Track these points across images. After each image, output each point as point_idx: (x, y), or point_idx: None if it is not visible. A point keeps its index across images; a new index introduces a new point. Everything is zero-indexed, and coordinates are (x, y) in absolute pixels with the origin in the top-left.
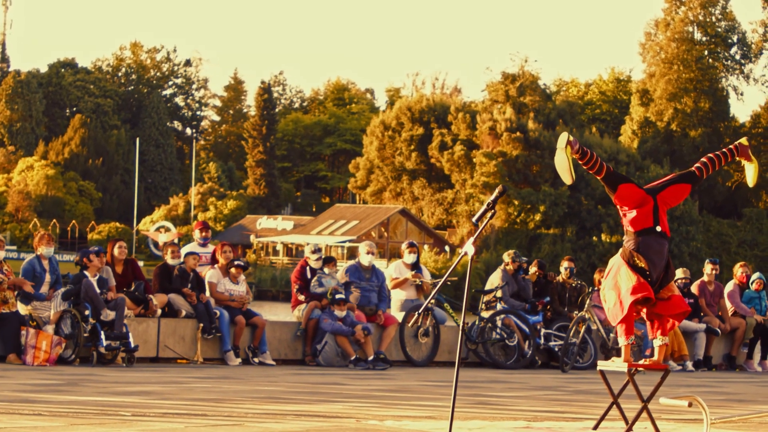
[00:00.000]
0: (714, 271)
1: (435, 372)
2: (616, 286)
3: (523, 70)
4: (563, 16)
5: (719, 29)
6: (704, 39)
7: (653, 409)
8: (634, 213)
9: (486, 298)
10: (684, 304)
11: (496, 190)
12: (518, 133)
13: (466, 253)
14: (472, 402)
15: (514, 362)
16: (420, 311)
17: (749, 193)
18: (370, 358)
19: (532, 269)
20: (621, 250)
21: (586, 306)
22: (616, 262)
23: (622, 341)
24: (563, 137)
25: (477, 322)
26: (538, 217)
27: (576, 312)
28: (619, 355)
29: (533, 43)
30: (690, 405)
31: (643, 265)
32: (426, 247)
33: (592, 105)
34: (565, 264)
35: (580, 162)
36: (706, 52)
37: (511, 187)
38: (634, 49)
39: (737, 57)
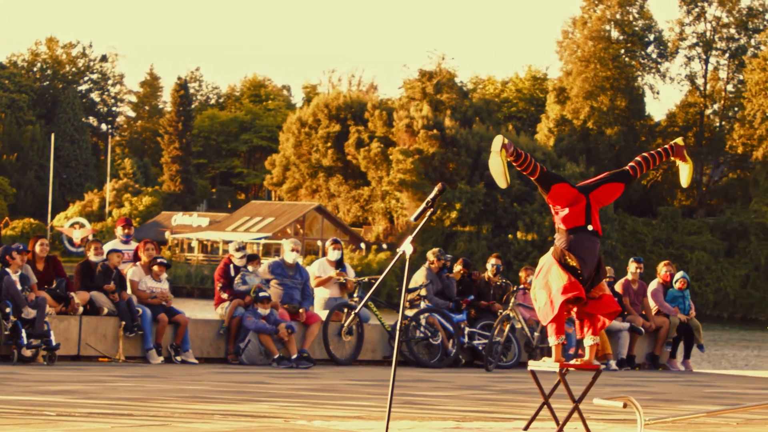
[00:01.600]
0: (639, 270)
1: (359, 371)
2: (547, 285)
3: (440, 67)
4: (480, 13)
5: (636, 28)
6: (621, 38)
7: (584, 409)
8: (566, 211)
9: (410, 297)
10: (615, 303)
11: (436, 188)
12: (435, 131)
13: (404, 252)
14: (399, 402)
15: (438, 361)
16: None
17: (664, 191)
18: (294, 356)
19: (457, 267)
20: (552, 248)
21: (510, 304)
22: (547, 261)
23: (553, 341)
24: (498, 140)
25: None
26: (454, 214)
27: (501, 310)
28: (543, 354)
29: (450, 40)
30: (625, 406)
31: (574, 264)
32: (342, 244)
33: (508, 103)
34: (492, 261)
35: (514, 164)
36: (622, 51)
37: (427, 185)
38: (551, 47)
39: (654, 56)
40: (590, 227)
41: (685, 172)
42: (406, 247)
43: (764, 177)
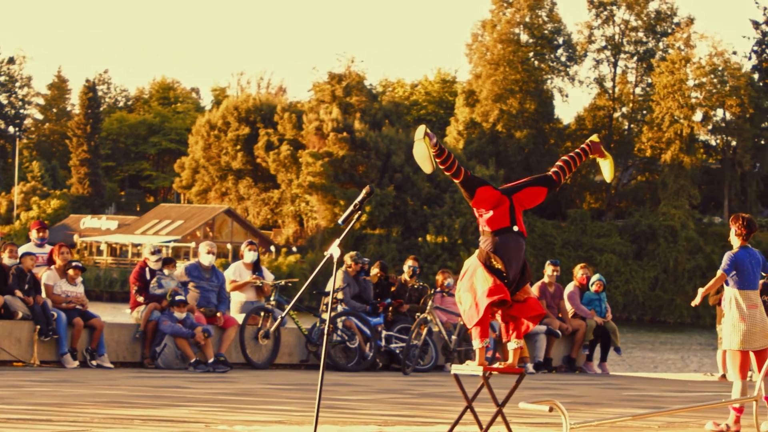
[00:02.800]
0: (555, 273)
1: (276, 374)
2: (472, 288)
3: (350, 70)
4: (390, 16)
5: (545, 31)
6: (530, 41)
7: (508, 413)
8: (490, 213)
9: (327, 300)
10: (539, 306)
11: (363, 191)
12: (345, 134)
13: (332, 255)
14: (320, 406)
15: (355, 365)
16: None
17: (573, 194)
18: (210, 360)
19: (374, 270)
20: (477, 251)
21: (428, 308)
22: (472, 263)
23: (477, 344)
24: (421, 129)
25: (318, 324)
26: (363, 217)
27: (418, 314)
28: (460, 357)
29: (360, 43)
30: (551, 410)
31: (500, 267)
32: (257, 246)
33: (417, 105)
34: (408, 263)
35: (437, 160)
36: (531, 54)
37: (337, 187)
38: (460, 50)
39: (563, 59)
40: (515, 228)
41: (606, 168)
42: (334, 251)
43: (672, 180)
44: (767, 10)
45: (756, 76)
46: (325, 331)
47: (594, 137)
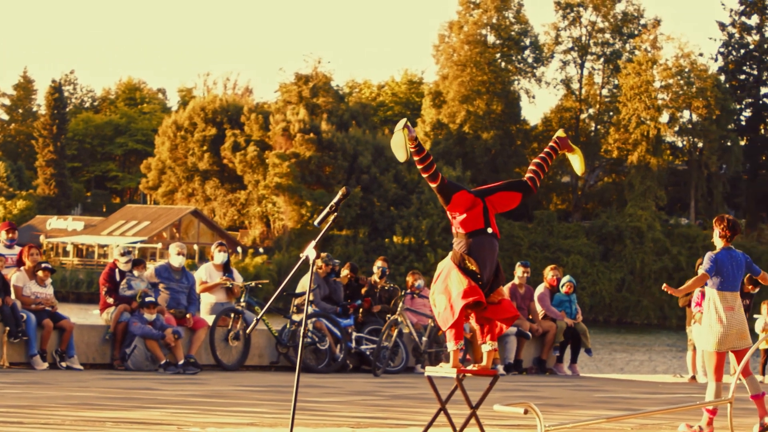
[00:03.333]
0: (525, 274)
1: (246, 376)
2: (447, 290)
3: (317, 71)
4: (357, 17)
5: (512, 32)
6: (497, 42)
7: (481, 415)
8: (464, 215)
9: (297, 301)
10: (513, 308)
11: (340, 192)
12: (311, 135)
13: (308, 257)
14: (289, 408)
15: (325, 366)
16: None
17: (540, 195)
18: (181, 362)
19: (344, 272)
20: (451, 253)
21: (399, 309)
22: (446, 265)
23: (451, 346)
24: (402, 121)
25: (288, 326)
26: (330, 218)
27: (389, 315)
28: (431, 359)
29: (326, 44)
30: (526, 412)
31: (474, 269)
32: (227, 246)
33: (384, 107)
34: (378, 263)
35: (414, 157)
36: (498, 55)
37: (304, 188)
38: (427, 51)
39: (529, 60)
40: (489, 230)
41: (576, 161)
42: (310, 252)
43: (639, 181)
44: (733, 12)
45: (722, 77)
46: (302, 333)
47: (560, 132)
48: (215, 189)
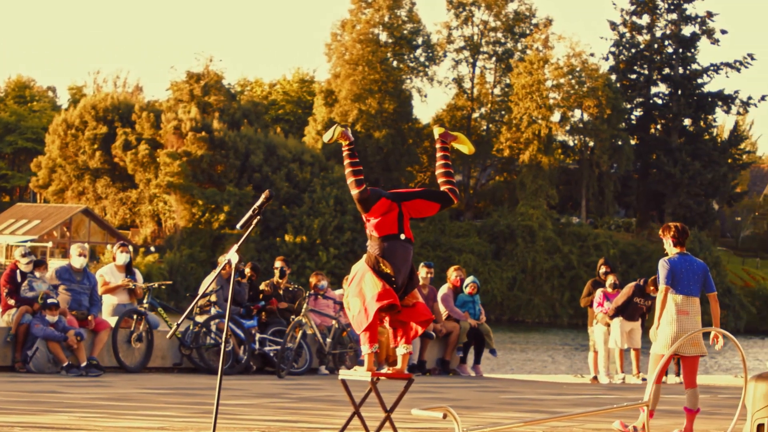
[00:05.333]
0: (429, 275)
1: (149, 378)
2: (361, 293)
3: (208, 69)
4: (248, 15)
5: (405, 31)
6: (390, 41)
7: (396, 418)
8: (378, 219)
9: (200, 303)
10: (428, 311)
11: (263, 195)
12: (203, 133)
13: (229, 261)
14: (198, 411)
15: (228, 368)
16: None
17: None
18: (83, 364)
19: (246, 272)
20: (365, 256)
21: (303, 310)
22: (361, 268)
23: (366, 349)
24: (345, 124)
25: (191, 327)
26: (222, 217)
27: (292, 316)
28: (335, 360)
29: (218, 42)
30: (445, 416)
31: (388, 271)
32: (109, 246)
33: (276, 105)
34: (276, 264)
35: (346, 160)
36: (390, 54)
37: (195, 187)
38: (319, 49)
39: (422, 59)
40: (402, 236)
41: (463, 146)
42: (232, 256)
43: (530, 180)
44: (624, 12)
45: (613, 77)
46: (224, 335)
47: (438, 130)
48: (106, 188)
